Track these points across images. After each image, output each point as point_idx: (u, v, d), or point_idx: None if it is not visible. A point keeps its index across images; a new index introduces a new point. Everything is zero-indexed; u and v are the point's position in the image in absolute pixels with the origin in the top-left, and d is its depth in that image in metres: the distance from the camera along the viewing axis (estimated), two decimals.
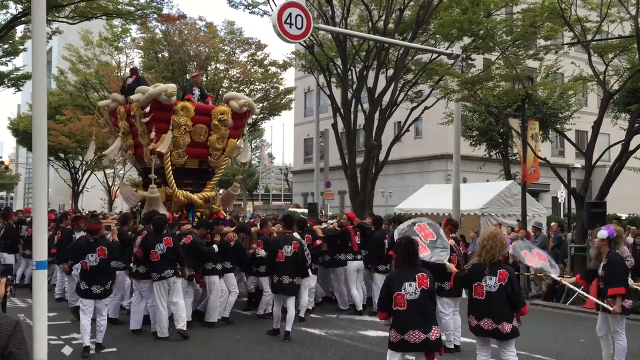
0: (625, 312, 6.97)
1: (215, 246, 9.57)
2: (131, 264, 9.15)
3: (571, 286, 8.19)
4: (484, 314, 5.79)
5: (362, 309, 10.88)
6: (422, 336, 5.27)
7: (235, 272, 10.41)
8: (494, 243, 5.82)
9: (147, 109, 11.32)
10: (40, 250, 3.76)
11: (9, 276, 3.11)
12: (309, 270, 10.19)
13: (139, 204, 12.28)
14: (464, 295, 8.49)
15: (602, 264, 7.02)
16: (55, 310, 10.41)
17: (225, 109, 12.25)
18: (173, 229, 9.85)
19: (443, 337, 7.81)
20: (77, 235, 10.84)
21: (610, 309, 6.88)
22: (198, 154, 12.22)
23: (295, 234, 9.84)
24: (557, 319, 11.15)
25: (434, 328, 5.35)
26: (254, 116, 30.02)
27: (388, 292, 5.44)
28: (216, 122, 11.97)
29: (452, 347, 7.97)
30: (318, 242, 10.86)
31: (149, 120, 11.46)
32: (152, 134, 11.40)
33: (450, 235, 8.23)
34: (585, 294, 8.32)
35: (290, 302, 8.90)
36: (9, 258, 13.54)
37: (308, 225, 11.37)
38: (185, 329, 8.78)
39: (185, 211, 11.92)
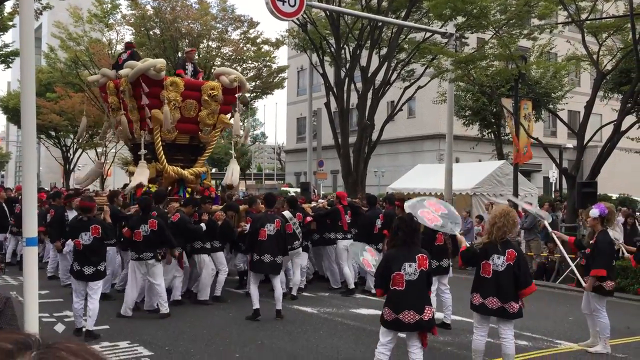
0: (607, 293, 7.10)
1: (202, 224, 9.56)
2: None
3: (556, 238, 8.21)
4: (490, 293, 5.80)
5: (354, 287, 10.93)
6: (416, 317, 5.30)
7: (224, 251, 10.45)
8: (506, 221, 5.81)
9: (146, 88, 11.23)
10: (30, 227, 3.74)
11: None
12: (300, 249, 10.27)
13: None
14: (451, 273, 8.58)
15: (590, 242, 7.15)
16: (48, 288, 10.43)
17: (215, 84, 12.16)
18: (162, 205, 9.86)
19: (439, 316, 7.91)
20: (70, 213, 10.80)
21: (584, 285, 7.04)
22: (188, 130, 12.17)
23: (287, 213, 9.88)
24: (547, 297, 11.26)
25: (427, 308, 5.38)
26: (246, 94, 29.99)
27: (387, 271, 5.43)
28: (206, 98, 11.89)
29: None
30: (308, 219, 10.87)
31: (137, 96, 11.39)
32: (146, 110, 11.36)
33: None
34: (576, 272, 8.45)
35: (276, 281, 8.87)
36: None
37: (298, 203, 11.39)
38: (156, 307, 8.83)
39: (177, 187, 11.91)
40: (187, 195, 11.48)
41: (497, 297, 5.79)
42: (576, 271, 8.65)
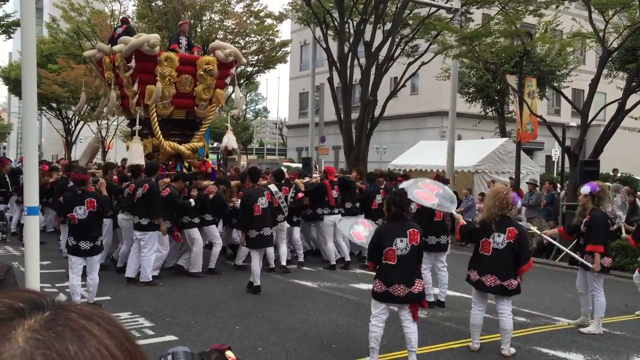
0: (604, 270, 7.05)
1: (192, 200, 9.55)
2: (134, 216, 9.15)
3: (550, 239, 8.24)
4: (488, 270, 5.85)
5: (349, 259, 11.01)
6: (406, 290, 5.38)
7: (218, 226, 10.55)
8: (494, 202, 5.93)
9: (132, 62, 11.16)
10: (32, 196, 3.74)
11: (1, 222, 3.10)
12: (285, 223, 10.41)
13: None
14: (449, 250, 8.61)
15: (584, 220, 7.09)
16: (49, 259, 10.49)
17: (210, 58, 12.07)
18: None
19: (432, 291, 7.97)
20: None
21: (590, 266, 6.98)
22: (184, 105, 12.13)
23: (272, 186, 9.93)
24: (546, 275, 11.33)
25: (417, 282, 5.46)
26: (249, 68, 29.79)
27: (379, 246, 5.49)
28: (202, 73, 11.85)
29: (431, 300, 7.94)
30: (300, 195, 10.89)
31: (133, 72, 11.33)
32: (135, 86, 11.29)
33: None
34: (573, 254, 8.42)
35: (282, 244, 9.33)
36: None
37: (287, 177, 11.38)
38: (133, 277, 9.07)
39: (174, 162, 11.92)
40: (185, 170, 11.49)
41: (496, 275, 5.84)
42: (574, 255, 8.63)
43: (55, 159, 32.99)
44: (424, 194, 6.83)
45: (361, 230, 6.75)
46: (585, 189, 7.09)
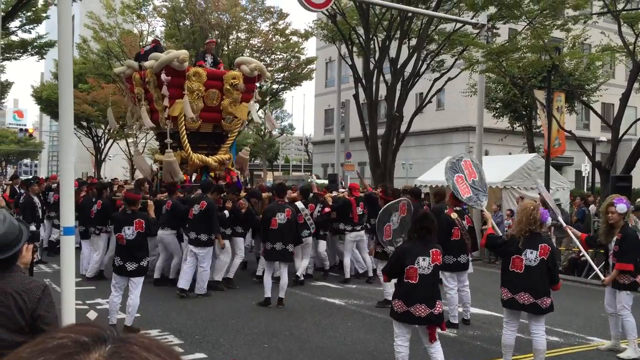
0: (636, 288, 6.80)
1: (226, 212, 9.83)
2: (191, 232, 9.42)
3: (571, 234, 7.87)
4: (520, 288, 5.72)
5: (372, 274, 11.06)
6: (427, 310, 5.31)
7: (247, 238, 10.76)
8: (520, 217, 5.88)
9: (164, 76, 11.47)
10: (68, 216, 3.79)
11: (35, 243, 3.16)
12: (310, 238, 10.56)
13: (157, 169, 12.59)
14: (470, 269, 8.48)
15: (615, 239, 6.79)
16: (78, 275, 10.61)
17: (236, 73, 12.45)
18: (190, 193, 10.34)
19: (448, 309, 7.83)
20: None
21: (602, 277, 6.82)
22: (211, 118, 12.52)
23: (299, 203, 10.20)
24: (578, 293, 11.10)
25: (438, 303, 5.39)
26: (274, 85, 30.03)
27: (399, 264, 5.46)
28: (228, 87, 12.24)
29: (456, 322, 7.84)
30: (326, 209, 10.99)
31: (161, 86, 11.65)
32: (166, 100, 11.58)
33: (455, 208, 8.13)
34: (593, 264, 8.27)
35: (284, 270, 9.05)
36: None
37: (314, 193, 11.50)
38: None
39: (200, 173, 12.22)
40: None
41: (529, 293, 5.71)
42: (593, 264, 8.44)
43: (85, 177, 33.51)
44: (463, 182, 6.81)
45: (394, 221, 6.75)
46: (623, 207, 6.74)
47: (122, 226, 7.38)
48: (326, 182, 25.81)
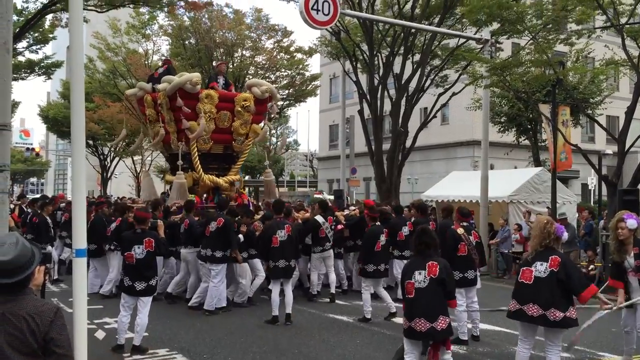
0: None
1: (240, 236, 9.81)
2: (207, 249, 9.48)
3: (627, 303, 7.29)
4: (529, 299, 5.66)
5: (346, 288, 11.40)
6: (427, 325, 5.28)
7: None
8: (535, 232, 5.88)
9: (180, 100, 11.61)
10: (80, 237, 3.81)
11: (47, 264, 3.17)
12: (331, 250, 10.66)
13: (167, 190, 12.68)
14: (479, 284, 8.43)
15: (633, 253, 6.56)
16: (87, 294, 10.60)
17: (248, 95, 12.61)
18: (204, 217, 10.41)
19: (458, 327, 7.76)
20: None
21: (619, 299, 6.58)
22: (222, 140, 12.65)
23: (319, 217, 10.31)
24: (588, 308, 10.99)
25: (441, 318, 5.32)
26: (279, 102, 30.20)
27: (402, 281, 5.60)
28: (239, 109, 12.37)
29: (465, 338, 7.78)
30: (340, 226, 11.01)
31: (174, 108, 11.78)
32: (184, 122, 11.72)
33: (461, 224, 8.11)
34: (623, 303, 7.75)
35: (287, 286, 9.06)
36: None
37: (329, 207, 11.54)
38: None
39: (212, 194, 12.26)
40: None
41: (538, 304, 5.64)
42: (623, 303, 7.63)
43: (91, 195, 33.63)
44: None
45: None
46: (632, 223, 6.53)
47: (133, 245, 7.38)
48: (332, 197, 25.84)
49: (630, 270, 6.63)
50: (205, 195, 12.59)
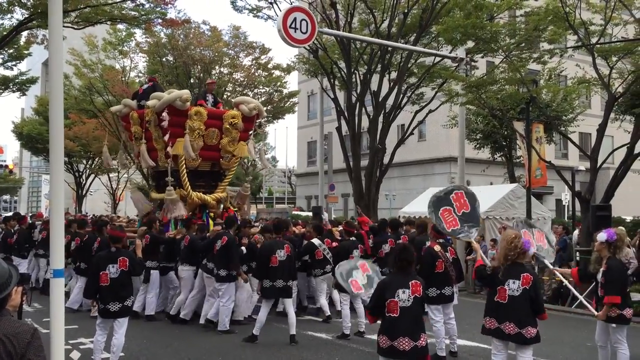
0: (625, 321, 6.70)
1: (243, 248, 9.83)
2: (214, 267, 9.50)
3: (561, 276, 7.96)
4: (506, 318, 5.73)
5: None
6: (411, 344, 5.28)
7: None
8: (502, 245, 5.91)
9: (165, 115, 11.56)
10: (58, 258, 3.76)
11: (24, 285, 3.14)
12: (331, 273, 10.30)
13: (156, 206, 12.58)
14: (456, 301, 8.50)
15: (601, 270, 6.77)
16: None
17: (236, 113, 12.64)
18: (203, 233, 10.46)
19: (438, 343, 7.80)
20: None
21: (595, 313, 6.80)
22: (210, 157, 12.64)
23: (315, 240, 10.25)
24: (563, 322, 11.15)
25: (422, 336, 5.37)
26: (263, 120, 30.32)
27: (380, 299, 5.44)
28: (227, 126, 12.40)
29: (443, 354, 7.83)
30: (335, 244, 10.89)
31: (162, 125, 11.74)
32: (166, 138, 11.64)
33: (437, 241, 8.17)
34: (585, 302, 8.21)
35: (289, 306, 8.96)
36: (23, 264, 13.51)
37: (328, 230, 11.39)
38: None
39: (199, 212, 12.21)
40: (210, 220, 11.82)
41: (514, 323, 5.74)
42: (585, 302, 8.37)
43: (65, 212, 33.10)
44: (449, 214, 6.81)
45: (359, 278, 6.69)
46: (602, 236, 6.75)
47: (107, 264, 7.22)
48: (310, 214, 25.84)
49: (600, 284, 6.83)
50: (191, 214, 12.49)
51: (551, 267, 7.59)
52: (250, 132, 13.43)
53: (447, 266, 7.95)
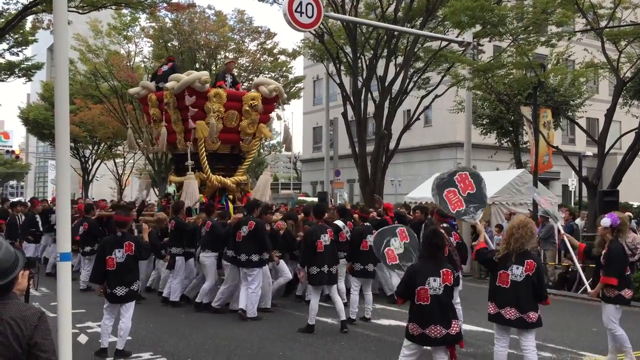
0: (624, 301, 6.82)
1: None
2: (241, 254, 9.31)
3: (567, 241, 7.98)
4: (507, 303, 5.74)
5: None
6: (443, 331, 5.26)
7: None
8: (524, 232, 5.77)
9: (188, 97, 11.46)
10: (64, 241, 3.75)
11: (32, 269, 3.15)
12: (345, 259, 10.26)
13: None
14: (460, 286, 8.48)
15: (603, 252, 6.89)
16: None
17: (255, 94, 12.44)
18: (224, 219, 10.16)
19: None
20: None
21: (589, 290, 6.91)
22: (230, 139, 12.48)
23: (339, 222, 9.97)
24: (569, 307, 11.15)
25: (454, 322, 5.35)
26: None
27: (410, 285, 5.40)
28: (247, 108, 12.22)
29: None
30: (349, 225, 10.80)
31: (181, 108, 11.67)
32: (190, 122, 11.58)
33: (442, 225, 8.14)
34: (584, 278, 8.35)
35: (334, 292, 8.81)
36: (30, 247, 13.61)
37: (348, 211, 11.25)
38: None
39: (219, 195, 12.13)
40: (230, 204, 11.70)
41: (516, 308, 5.73)
42: (584, 277, 8.51)
43: (72, 197, 33.25)
44: (454, 195, 6.78)
45: (396, 246, 6.63)
46: (606, 221, 6.88)
47: (113, 249, 7.22)
48: (315, 199, 25.84)
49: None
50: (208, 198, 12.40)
51: (562, 230, 7.67)
52: (271, 114, 13.34)
53: (451, 250, 7.94)
